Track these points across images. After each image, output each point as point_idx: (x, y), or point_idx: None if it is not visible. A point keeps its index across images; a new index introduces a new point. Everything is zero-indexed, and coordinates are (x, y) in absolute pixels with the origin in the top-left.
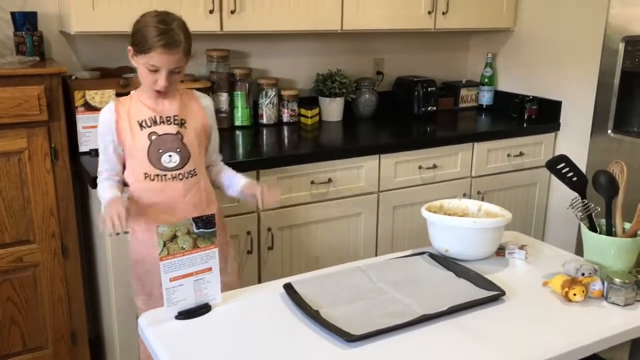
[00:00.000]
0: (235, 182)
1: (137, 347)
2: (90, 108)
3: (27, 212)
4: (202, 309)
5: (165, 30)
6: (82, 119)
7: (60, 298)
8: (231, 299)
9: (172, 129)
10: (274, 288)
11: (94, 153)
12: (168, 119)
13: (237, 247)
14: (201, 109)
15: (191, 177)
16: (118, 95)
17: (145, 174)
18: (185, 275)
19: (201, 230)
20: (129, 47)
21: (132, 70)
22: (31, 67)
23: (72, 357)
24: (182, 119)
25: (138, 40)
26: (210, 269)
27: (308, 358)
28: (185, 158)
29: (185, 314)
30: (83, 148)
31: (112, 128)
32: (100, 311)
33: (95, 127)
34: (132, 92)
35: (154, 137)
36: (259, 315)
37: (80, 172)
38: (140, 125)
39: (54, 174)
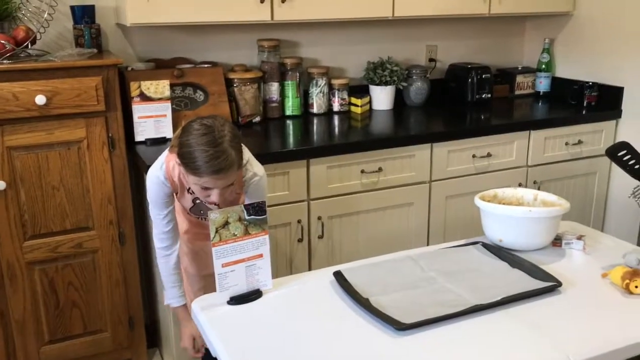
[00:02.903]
0: None
1: None
2: (145, 98)
3: (86, 200)
4: (253, 295)
5: (216, 155)
6: (138, 109)
7: (118, 283)
8: (282, 285)
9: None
10: (324, 275)
11: (149, 142)
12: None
13: (289, 235)
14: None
15: None
16: (172, 86)
17: (188, 213)
18: (237, 261)
19: (252, 217)
20: (177, 157)
21: (186, 61)
22: (89, 58)
23: (130, 340)
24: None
25: (186, 160)
26: (261, 256)
27: (358, 345)
28: None
29: (237, 300)
30: (139, 138)
31: (165, 194)
32: (156, 296)
33: (149, 117)
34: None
35: (197, 202)
36: (309, 302)
37: (136, 161)
38: (187, 190)
39: (111, 163)
